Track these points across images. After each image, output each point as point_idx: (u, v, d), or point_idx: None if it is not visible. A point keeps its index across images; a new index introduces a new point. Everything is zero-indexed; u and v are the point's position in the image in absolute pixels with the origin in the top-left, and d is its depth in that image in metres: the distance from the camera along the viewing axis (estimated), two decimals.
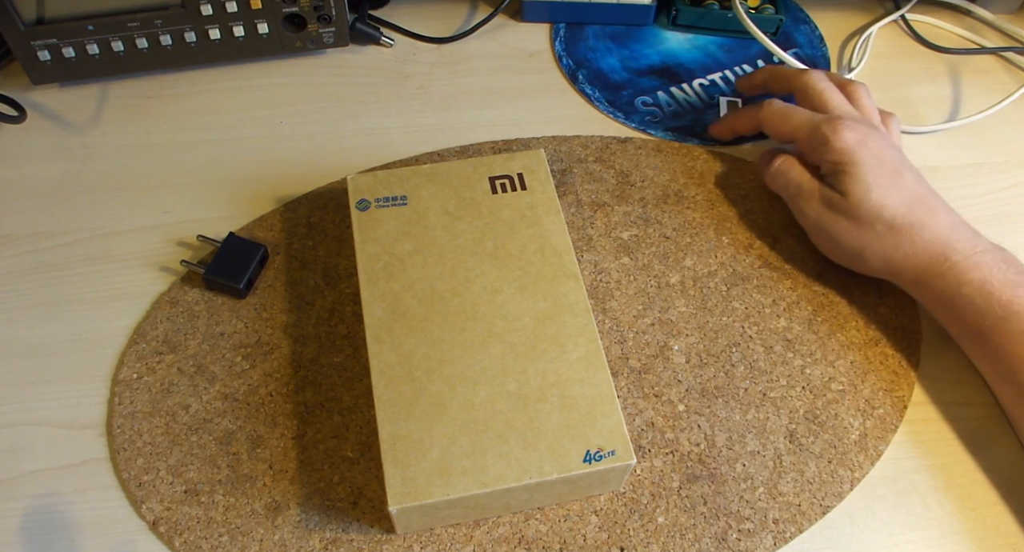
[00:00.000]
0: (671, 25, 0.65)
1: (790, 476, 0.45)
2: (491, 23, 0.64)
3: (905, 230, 0.46)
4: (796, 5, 0.67)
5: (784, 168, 0.51)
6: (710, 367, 0.48)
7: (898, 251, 0.47)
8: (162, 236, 0.52)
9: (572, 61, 0.62)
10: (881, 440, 0.46)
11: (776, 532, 0.43)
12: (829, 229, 0.49)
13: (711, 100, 0.61)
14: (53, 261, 0.51)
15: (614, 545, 0.43)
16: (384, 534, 0.42)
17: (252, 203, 0.54)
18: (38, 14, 0.53)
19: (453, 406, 0.41)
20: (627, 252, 0.52)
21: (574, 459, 0.40)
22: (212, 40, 0.57)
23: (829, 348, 0.49)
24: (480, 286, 0.45)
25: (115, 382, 0.46)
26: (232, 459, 0.44)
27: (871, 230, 0.47)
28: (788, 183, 0.51)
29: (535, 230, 0.47)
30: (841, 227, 0.48)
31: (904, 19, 0.67)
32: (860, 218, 0.47)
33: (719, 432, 0.46)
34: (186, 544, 0.42)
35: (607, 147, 0.57)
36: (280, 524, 0.42)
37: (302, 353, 0.48)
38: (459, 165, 0.50)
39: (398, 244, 0.46)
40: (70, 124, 0.57)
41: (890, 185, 0.47)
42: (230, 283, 0.48)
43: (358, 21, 0.61)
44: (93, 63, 0.56)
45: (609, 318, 0.50)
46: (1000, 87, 0.64)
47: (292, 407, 0.46)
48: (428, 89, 0.60)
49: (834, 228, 0.49)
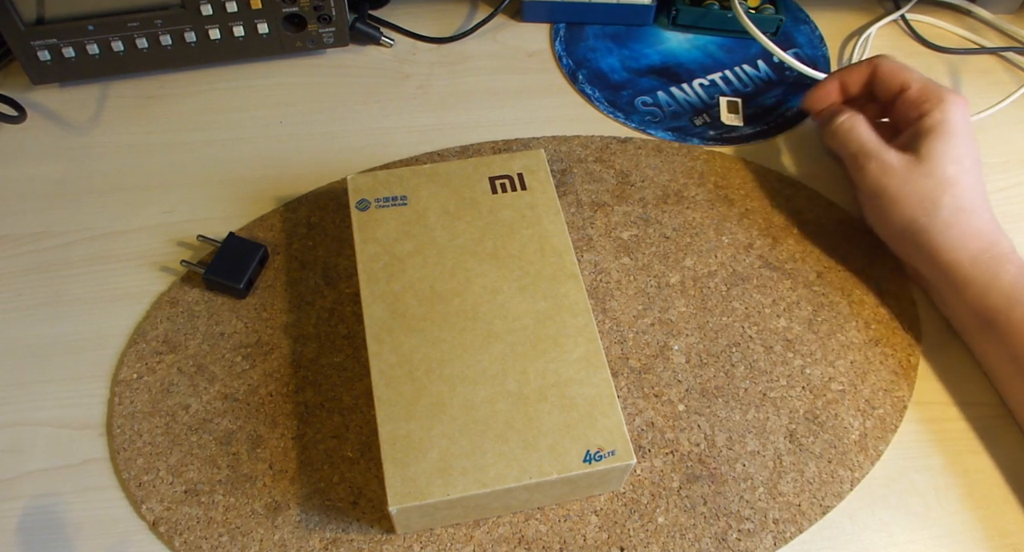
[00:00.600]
0: (671, 25, 0.65)
1: (790, 476, 0.45)
2: (491, 23, 0.64)
3: (964, 214, 0.47)
4: (796, 5, 0.67)
5: (850, 124, 0.50)
6: (710, 367, 0.48)
7: (951, 230, 0.46)
8: (162, 236, 0.52)
9: (572, 61, 0.62)
10: (881, 440, 0.46)
11: (776, 532, 0.43)
12: (890, 192, 0.48)
13: (711, 100, 0.61)
14: (53, 261, 0.51)
15: (614, 545, 0.43)
16: (384, 534, 0.42)
17: (252, 203, 0.54)
18: (38, 14, 0.53)
19: (453, 406, 0.41)
20: (627, 252, 0.52)
21: (574, 459, 0.40)
22: (212, 40, 0.57)
23: (829, 348, 0.49)
24: (480, 286, 0.45)
25: (115, 382, 0.46)
26: (232, 459, 0.44)
27: (935, 202, 0.47)
28: (852, 139, 0.49)
29: (535, 230, 0.47)
30: (903, 191, 0.47)
31: (904, 19, 0.67)
32: (925, 188, 0.47)
33: (719, 432, 0.46)
34: (186, 544, 0.42)
35: (607, 147, 0.57)
36: (280, 524, 0.42)
37: (302, 353, 0.48)
38: (459, 165, 0.50)
39: (398, 244, 0.46)
40: (70, 124, 0.57)
41: (969, 169, 0.47)
42: (230, 283, 0.48)
43: (358, 21, 0.61)
44: (93, 63, 0.56)
45: (609, 318, 0.50)
46: (1000, 87, 0.64)
47: (292, 407, 0.46)
48: (428, 89, 0.60)
49: (895, 192, 0.47)
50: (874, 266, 0.53)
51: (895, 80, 0.51)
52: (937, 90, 0.49)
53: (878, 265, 0.53)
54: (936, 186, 0.47)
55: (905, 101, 0.50)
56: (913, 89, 0.50)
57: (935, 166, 0.47)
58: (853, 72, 0.53)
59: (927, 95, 0.49)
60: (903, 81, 0.50)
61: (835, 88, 0.54)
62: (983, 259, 0.46)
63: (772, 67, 0.63)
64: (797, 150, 0.59)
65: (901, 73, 0.51)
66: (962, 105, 0.49)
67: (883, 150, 0.48)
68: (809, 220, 0.55)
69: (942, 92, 0.49)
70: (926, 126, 0.48)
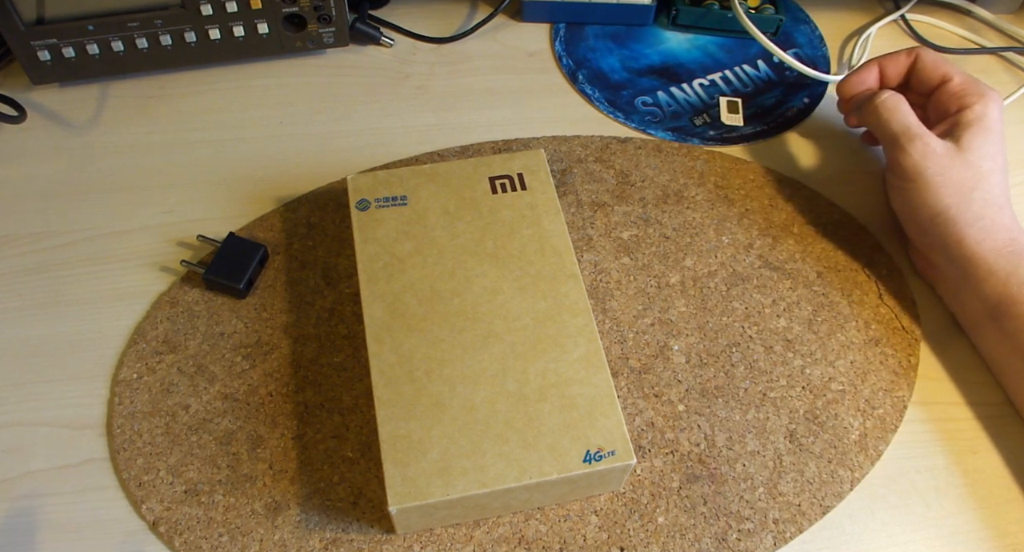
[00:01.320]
0: (671, 25, 0.65)
1: (790, 476, 0.45)
2: (491, 23, 0.64)
3: (993, 208, 0.47)
4: (796, 5, 0.67)
5: (893, 103, 0.49)
6: (710, 367, 0.48)
7: (980, 222, 0.47)
8: (162, 236, 0.52)
9: (572, 61, 0.62)
10: (881, 440, 0.46)
11: (776, 532, 0.43)
12: (928, 175, 0.47)
13: (711, 100, 0.61)
14: (53, 261, 0.51)
15: (614, 545, 0.43)
16: (384, 534, 0.42)
17: (252, 203, 0.54)
18: (38, 14, 0.53)
19: (453, 406, 0.41)
20: (627, 252, 0.52)
21: (574, 459, 0.40)
22: (212, 40, 0.57)
23: (829, 348, 0.49)
24: (480, 286, 0.45)
25: (115, 382, 0.46)
26: (232, 459, 0.44)
27: (970, 193, 0.47)
28: (896, 118, 0.49)
29: (535, 230, 0.47)
30: (942, 177, 0.47)
31: (904, 19, 0.67)
32: (962, 178, 0.47)
33: (719, 432, 0.46)
34: (186, 544, 0.42)
35: (607, 147, 0.57)
36: (280, 524, 0.42)
37: (302, 353, 0.48)
38: (459, 165, 0.50)
39: (398, 244, 0.46)
40: (70, 124, 0.57)
41: (1001, 166, 0.48)
42: (230, 283, 0.48)
43: (358, 21, 0.61)
44: (93, 63, 0.56)
45: (609, 318, 0.50)
46: (1000, 87, 0.64)
47: (292, 407, 0.46)
48: (428, 89, 0.60)
49: (934, 176, 0.47)
50: (874, 266, 0.53)
51: (937, 72, 0.51)
52: (978, 85, 0.50)
53: (878, 265, 0.53)
54: (973, 177, 0.47)
55: (946, 92, 0.50)
56: (955, 82, 0.50)
57: (975, 158, 0.47)
58: (893, 60, 0.53)
59: (970, 89, 0.49)
60: (944, 73, 0.51)
61: (874, 74, 0.54)
62: (1006, 252, 0.47)
63: (772, 67, 0.63)
64: (797, 150, 0.59)
65: (943, 65, 0.51)
66: (1000, 103, 0.49)
67: (927, 133, 0.48)
68: (809, 220, 0.55)
69: (983, 88, 0.49)
70: (968, 119, 0.48)
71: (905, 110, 0.49)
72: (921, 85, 0.52)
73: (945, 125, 0.50)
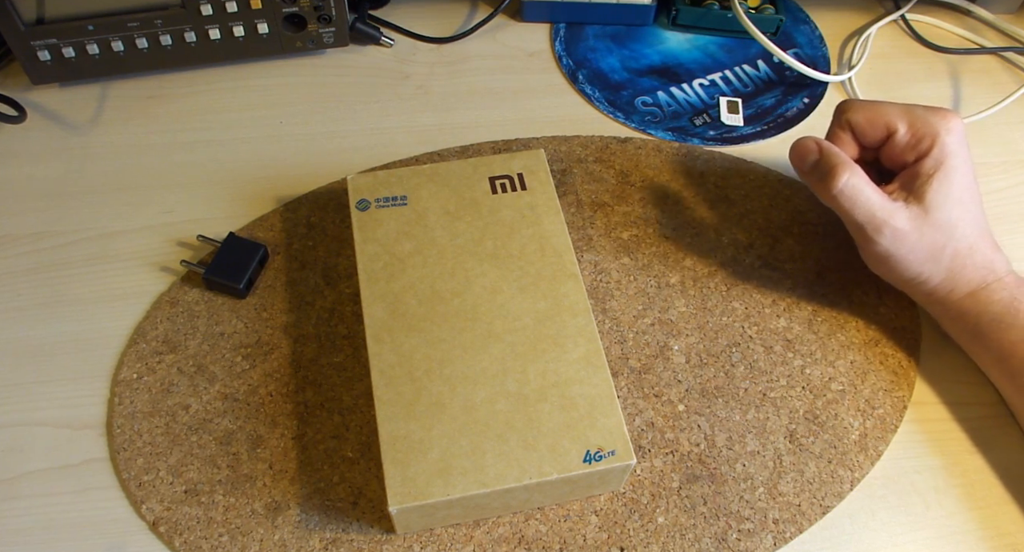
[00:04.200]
0: (671, 25, 0.65)
1: (790, 476, 0.45)
2: (491, 23, 0.64)
3: (962, 257, 0.45)
4: (796, 5, 0.67)
5: (851, 191, 0.44)
6: (710, 367, 0.48)
7: (950, 274, 0.46)
8: (162, 236, 0.52)
9: (572, 61, 0.62)
10: (881, 440, 0.46)
11: (776, 532, 0.43)
12: (900, 254, 0.45)
13: (711, 100, 0.61)
14: (53, 261, 0.51)
15: (614, 545, 0.43)
16: (384, 534, 0.42)
17: (252, 203, 0.54)
18: (38, 14, 0.53)
19: (453, 406, 0.41)
20: (627, 252, 0.52)
21: (574, 459, 0.40)
22: (212, 40, 0.57)
23: (829, 348, 0.49)
24: (480, 286, 0.45)
25: (115, 382, 0.46)
26: (232, 459, 0.44)
27: (940, 253, 0.45)
28: (858, 205, 0.45)
29: (535, 230, 0.47)
30: (912, 251, 0.45)
31: (904, 19, 0.67)
32: (932, 242, 0.45)
33: (719, 432, 0.46)
34: (186, 544, 0.42)
35: (607, 147, 0.57)
36: (280, 524, 0.42)
37: (302, 353, 0.48)
38: (459, 165, 0.50)
39: (398, 244, 0.46)
40: (70, 124, 0.57)
41: (969, 204, 0.45)
42: (230, 283, 0.48)
43: (358, 21, 0.61)
44: (93, 63, 0.56)
45: (609, 318, 0.50)
46: (1000, 87, 0.64)
47: (292, 407, 0.46)
48: (428, 89, 0.60)
49: (905, 253, 0.45)
50: None
51: (877, 126, 0.47)
52: (927, 124, 0.45)
53: None
54: (943, 236, 0.45)
55: (897, 146, 0.46)
56: (901, 133, 0.46)
57: (942, 215, 0.45)
58: (832, 138, 0.49)
59: (919, 134, 0.45)
60: (886, 124, 0.46)
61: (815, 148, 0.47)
62: (977, 294, 0.46)
63: (772, 67, 0.63)
64: None
65: (881, 117, 0.47)
66: (957, 128, 0.45)
67: (893, 214, 0.45)
68: (809, 220, 0.55)
69: (933, 124, 0.45)
70: (927, 170, 0.45)
71: (866, 196, 0.44)
72: (868, 142, 0.48)
73: (905, 176, 0.46)
